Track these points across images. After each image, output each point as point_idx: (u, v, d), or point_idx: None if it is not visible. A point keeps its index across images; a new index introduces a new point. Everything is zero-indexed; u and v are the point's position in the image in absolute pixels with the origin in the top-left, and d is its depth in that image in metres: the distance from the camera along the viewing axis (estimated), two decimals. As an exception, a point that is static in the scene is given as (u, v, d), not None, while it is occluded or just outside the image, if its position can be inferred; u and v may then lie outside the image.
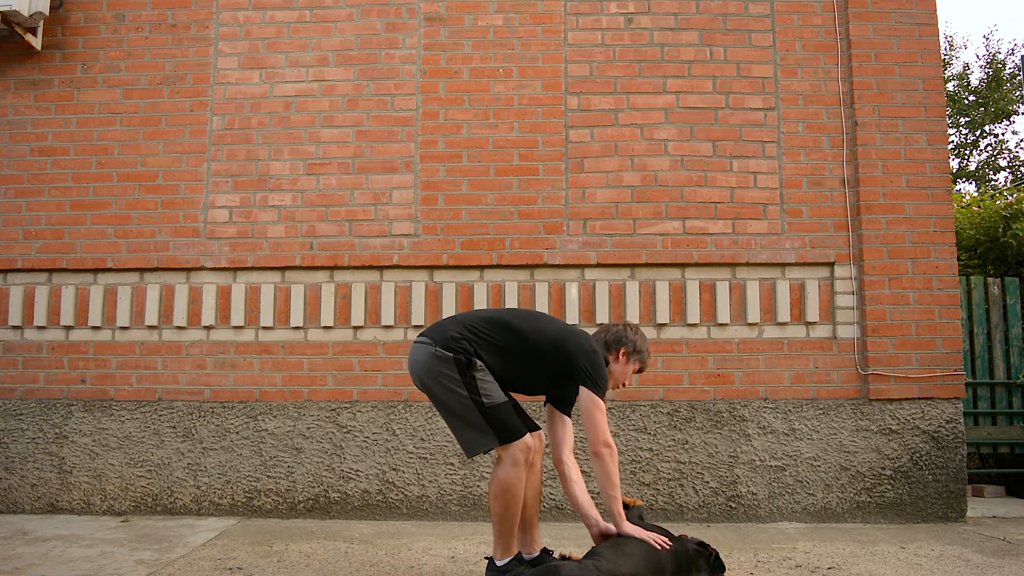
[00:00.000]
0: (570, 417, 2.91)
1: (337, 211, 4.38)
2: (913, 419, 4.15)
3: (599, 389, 2.76)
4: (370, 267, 4.35)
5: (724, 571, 2.84)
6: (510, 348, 2.78)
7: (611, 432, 4.13)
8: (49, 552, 3.36)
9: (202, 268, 4.37)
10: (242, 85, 4.50)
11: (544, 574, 2.41)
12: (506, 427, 2.72)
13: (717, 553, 2.81)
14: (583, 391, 2.77)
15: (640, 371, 3.07)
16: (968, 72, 20.99)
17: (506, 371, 2.79)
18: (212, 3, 4.56)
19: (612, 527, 2.75)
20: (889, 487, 4.12)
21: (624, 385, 3.05)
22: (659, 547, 2.62)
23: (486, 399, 2.70)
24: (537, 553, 2.91)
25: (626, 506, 2.80)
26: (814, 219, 4.33)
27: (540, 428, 2.99)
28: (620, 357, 2.97)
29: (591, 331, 3.09)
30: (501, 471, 2.72)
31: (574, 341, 2.82)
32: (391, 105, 4.46)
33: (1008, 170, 20.34)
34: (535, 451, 2.86)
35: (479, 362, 2.72)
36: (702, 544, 2.80)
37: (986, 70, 20.70)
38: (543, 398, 2.99)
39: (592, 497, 2.92)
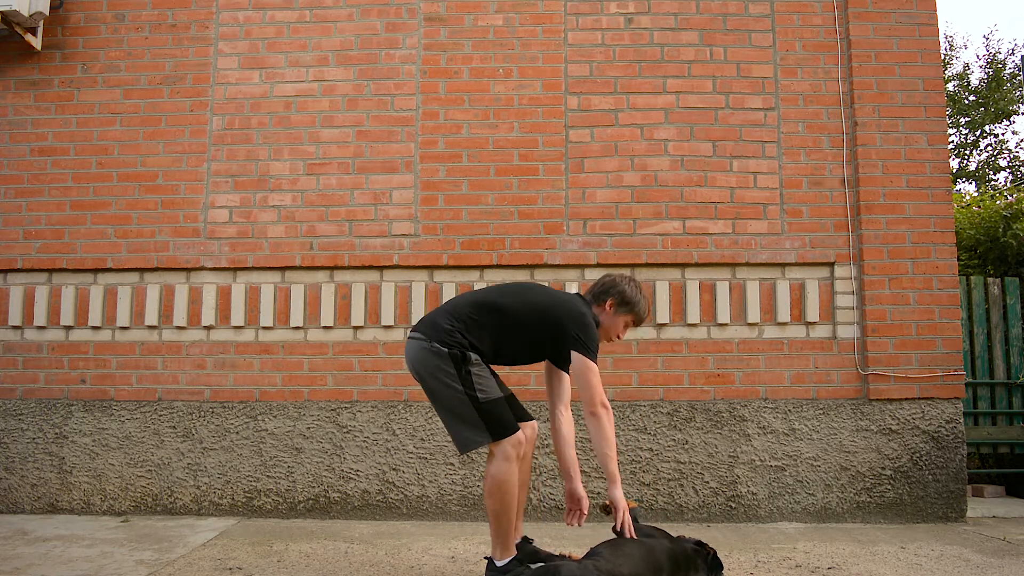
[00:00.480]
0: (568, 373, 2.92)
1: (337, 211, 4.38)
2: (913, 419, 4.15)
3: (590, 352, 2.78)
4: (370, 267, 4.35)
5: (722, 570, 2.84)
6: (501, 327, 2.82)
7: (611, 432, 4.13)
8: (49, 552, 3.36)
9: (202, 268, 4.37)
10: (242, 85, 4.50)
11: (544, 574, 2.42)
12: (499, 423, 2.74)
13: (715, 552, 2.81)
14: (574, 356, 2.78)
15: (635, 323, 3.02)
16: (968, 72, 21.01)
17: (501, 348, 2.85)
18: (212, 3, 4.56)
19: (584, 493, 2.83)
20: (889, 487, 4.12)
21: (618, 338, 3.04)
22: (629, 535, 2.67)
23: (481, 394, 2.73)
24: (518, 540, 2.94)
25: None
26: (814, 219, 4.33)
27: (534, 419, 3.04)
28: (607, 309, 2.96)
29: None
30: (493, 467, 2.74)
31: (561, 308, 2.84)
32: (391, 105, 4.46)
33: (1008, 170, 20.35)
34: (530, 442, 2.92)
35: (474, 356, 2.75)
36: (700, 543, 2.80)
37: (986, 70, 20.71)
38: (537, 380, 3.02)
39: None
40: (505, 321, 2.83)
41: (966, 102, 20.67)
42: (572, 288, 4.28)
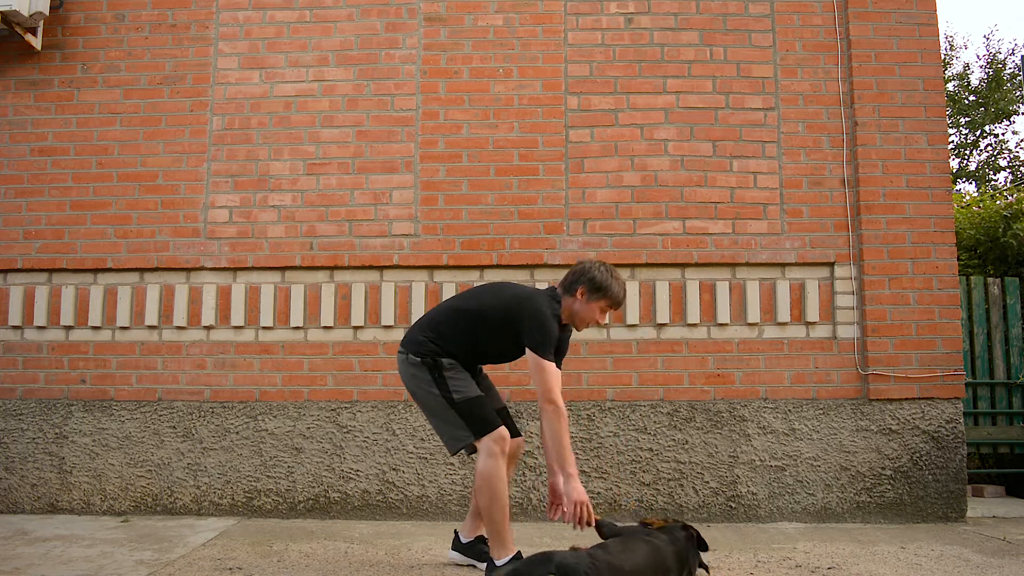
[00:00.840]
0: (558, 367, 3.02)
1: (337, 211, 4.38)
2: (913, 419, 4.15)
3: (541, 349, 2.83)
4: (370, 267, 4.35)
5: (707, 549, 2.84)
6: (470, 329, 2.94)
7: (611, 432, 4.16)
8: (49, 552, 3.36)
9: (202, 268, 4.37)
10: (242, 85, 4.50)
11: (537, 562, 2.38)
12: (479, 420, 2.85)
13: (698, 532, 2.83)
14: (527, 352, 2.86)
15: (612, 307, 2.99)
16: (968, 72, 21.02)
17: (477, 350, 2.97)
18: (212, 3, 4.56)
19: (560, 483, 2.85)
20: (889, 487, 4.12)
21: (597, 323, 3.02)
22: (579, 519, 2.73)
23: (456, 394, 2.88)
24: (472, 538, 3.11)
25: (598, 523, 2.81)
26: (814, 219, 4.33)
27: (521, 436, 3.15)
28: (579, 296, 2.98)
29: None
30: (479, 464, 2.83)
31: (519, 305, 2.91)
32: (391, 105, 4.46)
33: (1008, 170, 20.36)
34: (512, 458, 3.03)
35: (446, 361, 2.92)
36: (685, 527, 2.81)
37: (986, 70, 20.72)
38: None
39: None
40: (473, 324, 2.95)
41: (966, 102, 20.68)
42: (572, 288, 4.29)
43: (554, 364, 2.84)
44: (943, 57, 14.24)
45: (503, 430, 2.86)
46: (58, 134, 4.50)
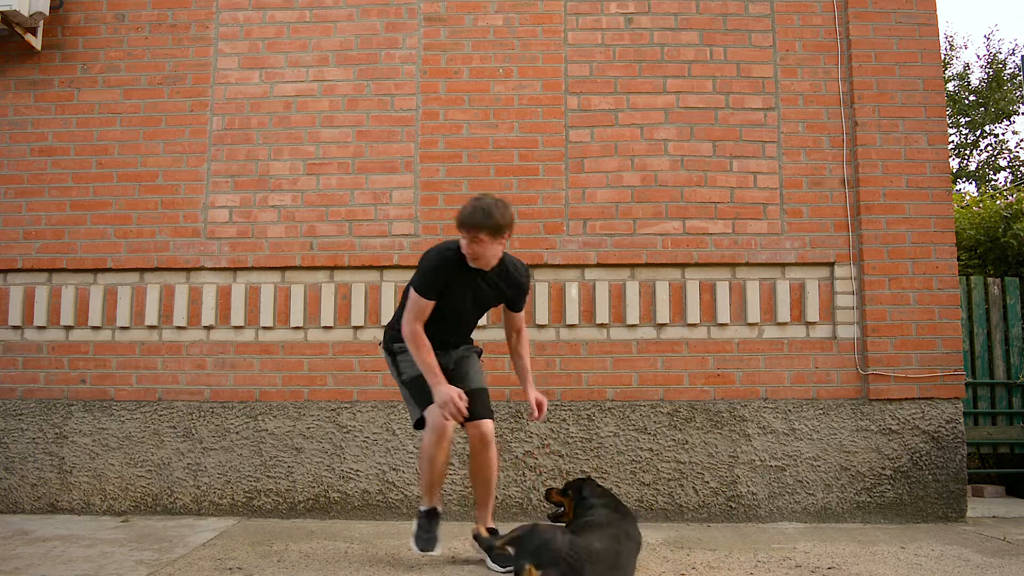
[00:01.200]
0: (516, 311, 3.36)
1: (337, 211, 4.38)
2: (913, 419, 4.15)
3: (414, 284, 3.17)
4: (370, 267, 4.35)
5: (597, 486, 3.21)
6: None
7: (611, 432, 4.17)
8: (49, 552, 3.36)
9: (202, 268, 4.37)
10: (242, 85, 4.50)
11: (525, 535, 2.69)
12: (422, 394, 3.13)
13: (588, 477, 3.06)
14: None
15: (467, 229, 3.03)
16: (968, 72, 21.02)
17: (437, 321, 3.18)
18: (212, 3, 4.56)
19: (536, 394, 3.29)
20: (889, 487, 4.12)
21: (470, 256, 3.09)
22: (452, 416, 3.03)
23: (403, 375, 3.25)
24: (485, 530, 3.22)
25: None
26: (814, 219, 4.33)
27: (489, 418, 3.23)
28: None
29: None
30: (423, 436, 3.14)
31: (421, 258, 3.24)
32: (391, 105, 4.46)
33: (1008, 170, 20.36)
34: (486, 441, 3.18)
35: (396, 345, 3.26)
36: (581, 484, 3.22)
37: (986, 70, 20.72)
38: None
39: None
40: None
41: (966, 102, 20.68)
42: (572, 289, 4.30)
43: (424, 300, 3.10)
44: (943, 57, 14.23)
45: (435, 408, 3.05)
46: (58, 134, 4.50)
